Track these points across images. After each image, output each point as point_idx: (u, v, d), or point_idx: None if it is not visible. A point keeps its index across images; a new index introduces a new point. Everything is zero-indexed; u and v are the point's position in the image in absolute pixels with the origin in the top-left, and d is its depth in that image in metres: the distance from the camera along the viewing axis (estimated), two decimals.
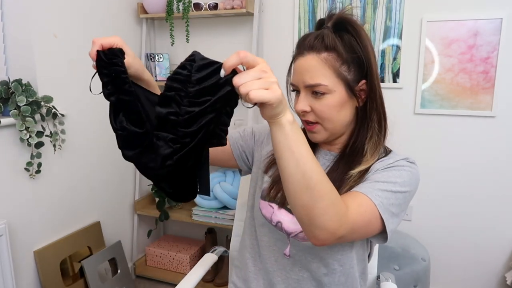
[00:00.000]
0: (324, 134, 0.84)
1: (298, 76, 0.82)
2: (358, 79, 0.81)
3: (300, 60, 0.81)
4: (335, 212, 0.64)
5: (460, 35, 1.81)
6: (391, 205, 0.75)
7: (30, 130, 1.56)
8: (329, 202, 0.63)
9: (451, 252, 2.00)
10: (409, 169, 0.81)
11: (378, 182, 0.77)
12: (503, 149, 1.84)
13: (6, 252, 1.50)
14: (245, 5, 2.00)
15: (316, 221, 0.64)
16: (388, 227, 0.74)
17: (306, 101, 0.82)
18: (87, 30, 1.89)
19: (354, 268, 0.88)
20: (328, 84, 0.79)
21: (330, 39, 0.79)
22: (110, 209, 2.15)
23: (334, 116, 0.81)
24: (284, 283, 0.91)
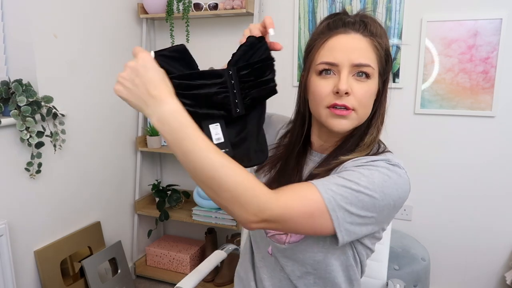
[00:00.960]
0: (354, 122, 0.77)
1: (343, 54, 0.75)
2: (386, 74, 0.80)
3: (345, 38, 0.76)
4: (245, 201, 0.63)
5: (460, 35, 1.81)
6: (348, 203, 0.69)
7: (31, 130, 1.56)
8: (234, 193, 0.62)
9: (451, 252, 2.00)
10: (386, 171, 0.73)
11: (340, 177, 0.71)
12: (503, 149, 1.84)
13: (6, 252, 1.50)
14: (245, 5, 2.00)
15: (228, 209, 0.64)
16: (340, 226, 0.69)
17: (348, 82, 0.75)
18: (87, 30, 1.89)
19: (332, 274, 0.83)
20: (375, 68, 0.76)
21: (375, 27, 0.77)
22: (110, 209, 2.15)
23: (370, 104, 0.78)
24: (269, 280, 0.91)
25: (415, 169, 1.98)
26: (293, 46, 2.08)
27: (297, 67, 2.10)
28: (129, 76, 0.65)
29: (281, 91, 2.40)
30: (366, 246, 0.83)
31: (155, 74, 0.64)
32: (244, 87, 0.79)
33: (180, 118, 0.63)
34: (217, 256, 1.33)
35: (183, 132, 0.62)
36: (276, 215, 0.66)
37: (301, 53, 2.07)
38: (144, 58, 0.65)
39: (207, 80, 0.74)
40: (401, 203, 0.76)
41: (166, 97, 0.64)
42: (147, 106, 0.64)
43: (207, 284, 2.21)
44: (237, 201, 0.63)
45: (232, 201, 0.63)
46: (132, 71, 0.65)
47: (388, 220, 0.78)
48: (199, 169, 0.63)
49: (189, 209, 2.25)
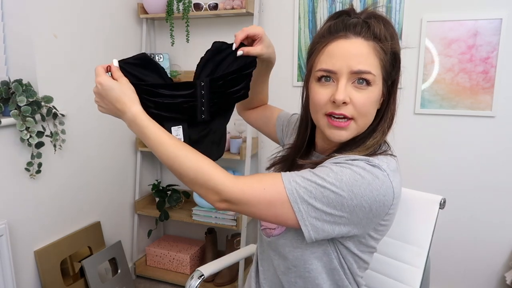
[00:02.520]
0: (353, 132, 0.76)
1: (342, 60, 0.72)
2: (391, 77, 0.78)
3: (345, 43, 0.73)
4: (203, 182, 0.73)
5: (460, 35, 1.81)
6: (312, 198, 0.69)
7: (31, 130, 1.56)
8: (193, 176, 0.73)
9: (451, 252, 2.00)
10: (360, 171, 0.70)
11: (309, 171, 0.72)
12: (503, 149, 1.84)
13: (6, 252, 1.50)
14: (245, 5, 2.00)
15: (194, 190, 0.76)
16: (302, 217, 0.70)
17: (347, 90, 0.72)
18: (87, 30, 1.89)
19: (312, 274, 0.81)
20: (376, 74, 0.73)
21: (380, 28, 0.73)
22: (110, 209, 2.15)
23: (371, 112, 0.76)
24: (263, 273, 0.93)
25: (415, 169, 1.98)
26: (293, 46, 2.08)
27: (297, 67, 2.10)
28: (99, 99, 0.80)
29: (281, 91, 2.41)
30: (352, 252, 0.79)
31: (113, 92, 0.77)
32: (214, 97, 0.85)
33: (140, 122, 0.77)
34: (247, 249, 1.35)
35: (144, 132, 0.77)
36: (234, 197, 0.72)
37: (301, 53, 2.07)
38: (101, 83, 0.77)
39: (175, 91, 0.82)
40: (380, 207, 0.72)
41: (127, 107, 0.77)
42: (120, 116, 0.80)
43: (207, 284, 2.21)
44: (197, 182, 0.73)
45: (193, 183, 0.74)
46: (98, 96, 0.80)
47: (369, 225, 0.74)
48: (164, 159, 0.76)
49: (189, 209, 2.25)
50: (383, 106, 0.80)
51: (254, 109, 1.15)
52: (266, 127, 1.12)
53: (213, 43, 0.86)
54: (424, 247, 1.03)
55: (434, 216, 1.05)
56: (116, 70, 0.80)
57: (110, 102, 0.78)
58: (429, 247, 1.03)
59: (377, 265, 1.11)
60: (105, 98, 0.78)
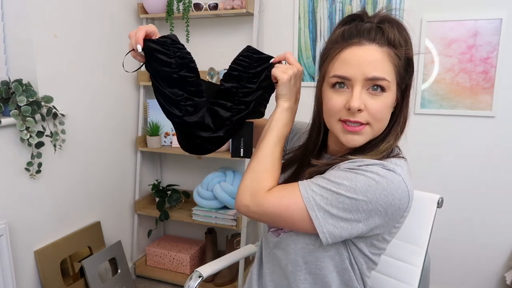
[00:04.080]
0: (368, 136, 0.77)
1: (356, 67, 0.73)
2: (404, 82, 0.78)
3: (358, 50, 0.73)
4: (252, 180, 0.79)
5: (460, 35, 1.81)
6: (328, 204, 0.71)
7: (31, 130, 1.56)
8: (256, 168, 0.80)
9: (451, 252, 2.00)
10: (374, 176, 0.71)
11: (324, 178, 0.74)
12: (503, 149, 1.84)
13: (6, 252, 1.50)
14: (245, 5, 2.00)
15: (243, 176, 0.81)
16: (319, 224, 0.72)
17: (361, 98, 0.73)
18: (87, 30, 1.89)
19: (323, 271, 0.81)
20: (391, 80, 0.73)
21: (394, 34, 0.74)
22: (110, 209, 2.15)
23: (386, 117, 0.77)
24: (269, 275, 0.91)
25: (415, 169, 1.98)
26: (293, 46, 2.08)
27: None
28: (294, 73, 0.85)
29: None
30: (363, 253, 0.80)
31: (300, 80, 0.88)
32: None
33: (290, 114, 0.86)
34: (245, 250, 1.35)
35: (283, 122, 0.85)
36: (258, 203, 0.77)
37: (301, 53, 2.07)
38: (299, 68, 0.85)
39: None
40: (396, 211, 0.73)
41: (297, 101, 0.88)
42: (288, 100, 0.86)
43: (207, 284, 2.21)
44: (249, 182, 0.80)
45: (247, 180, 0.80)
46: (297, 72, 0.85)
47: (386, 228, 0.76)
48: (261, 144, 0.83)
49: (189, 209, 2.25)
50: (396, 110, 0.80)
51: None
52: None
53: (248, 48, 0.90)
54: (422, 246, 1.04)
55: (432, 215, 1.06)
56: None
57: (296, 85, 0.85)
58: (428, 245, 1.04)
59: None
60: (297, 81, 0.85)
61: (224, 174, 2.19)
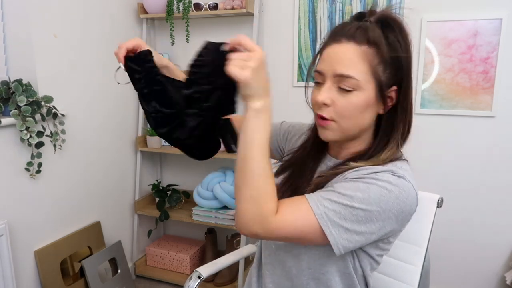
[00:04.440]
0: (336, 133, 0.78)
1: (328, 64, 0.75)
2: (390, 83, 0.76)
3: (335, 47, 0.75)
4: (253, 207, 0.68)
5: (460, 35, 1.81)
6: (342, 219, 0.70)
7: (31, 130, 1.56)
8: (253, 194, 0.68)
9: (451, 252, 2.00)
10: (386, 185, 0.71)
11: (334, 191, 0.72)
12: (503, 149, 1.84)
13: (6, 252, 1.50)
14: (245, 5, 2.00)
15: (238, 206, 0.71)
16: (335, 240, 0.70)
17: (329, 93, 0.75)
18: (87, 30, 1.89)
19: (327, 276, 0.82)
20: (360, 79, 0.73)
21: (374, 33, 0.73)
22: (110, 209, 2.15)
23: (355, 116, 0.75)
24: (270, 277, 0.91)
25: (415, 169, 1.98)
26: (293, 46, 2.08)
27: (297, 67, 2.10)
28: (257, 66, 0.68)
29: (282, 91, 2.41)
30: (370, 256, 0.81)
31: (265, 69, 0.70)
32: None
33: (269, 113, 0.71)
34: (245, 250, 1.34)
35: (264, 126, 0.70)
36: (270, 230, 0.70)
37: (301, 53, 2.07)
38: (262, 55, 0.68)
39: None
40: (406, 217, 0.74)
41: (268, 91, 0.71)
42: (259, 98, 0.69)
43: (207, 284, 2.21)
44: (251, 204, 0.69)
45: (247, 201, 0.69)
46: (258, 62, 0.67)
47: (393, 233, 0.77)
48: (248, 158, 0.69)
49: (189, 209, 2.25)
50: (393, 115, 0.78)
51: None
52: None
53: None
54: (422, 246, 1.04)
55: (432, 214, 1.06)
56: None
57: (263, 77, 0.68)
58: (427, 245, 1.03)
59: None
60: (262, 72, 0.68)
61: (224, 174, 2.19)
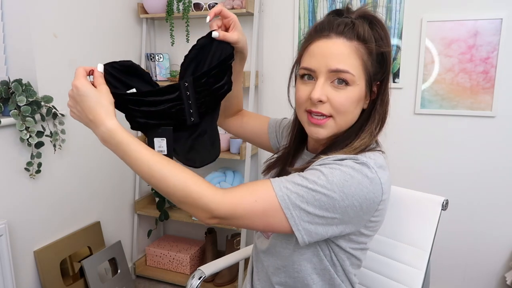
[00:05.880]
0: (333, 129, 0.77)
1: (321, 59, 0.74)
2: (377, 78, 0.77)
3: (326, 43, 0.74)
4: (192, 201, 0.69)
5: (460, 35, 1.81)
6: (304, 202, 0.68)
7: (30, 130, 1.56)
8: (181, 195, 0.69)
9: (451, 252, 2.00)
10: (349, 171, 0.70)
11: (300, 176, 0.71)
12: (503, 149, 1.84)
13: (6, 252, 1.50)
14: (245, 5, 2.00)
15: (183, 208, 0.72)
16: (295, 223, 0.69)
17: (324, 90, 0.74)
18: (87, 30, 1.89)
19: (301, 274, 0.81)
20: (356, 74, 0.73)
21: (364, 29, 0.73)
22: (110, 209, 2.15)
23: (351, 110, 0.76)
24: (257, 275, 0.93)
25: (415, 169, 1.98)
26: (293, 46, 2.08)
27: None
28: (72, 103, 0.73)
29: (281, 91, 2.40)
30: (343, 250, 0.79)
31: (89, 100, 0.70)
32: (200, 96, 0.81)
33: (117, 137, 0.70)
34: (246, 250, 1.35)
35: (122, 149, 0.71)
36: (225, 212, 0.69)
37: None
38: (77, 86, 0.70)
39: (160, 97, 0.77)
40: (371, 205, 0.73)
41: (102, 119, 0.70)
42: (91, 128, 0.73)
43: (207, 284, 2.21)
44: (186, 202, 0.69)
45: (182, 202, 0.70)
46: (71, 100, 0.72)
47: (360, 223, 0.75)
48: (147, 178, 0.70)
49: None
50: (371, 107, 0.80)
51: (235, 118, 1.09)
52: (258, 138, 1.08)
53: (198, 40, 0.82)
54: (425, 249, 1.03)
55: (436, 217, 1.04)
56: (98, 76, 0.73)
57: (83, 110, 0.71)
58: (431, 249, 1.02)
59: (378, 266, 1.11)
60: (78, 104, 0.71)
61: (224, 174, 2.18)
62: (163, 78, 2.27)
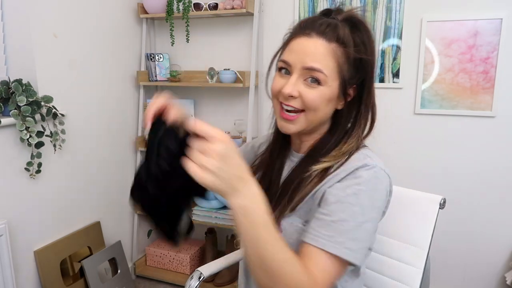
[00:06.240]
0: (303, 124, 0.79)
1: (298, 56, 0.76)
2: (352, 82, 0.79)
3: (305, 41, 0.76)
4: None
5: (460, 35, 1.81)
6: (360, 241, 0.71)
7: (30, 130, 1.56)
8: (291, 283, 0.62)
9: (451, 252, 2.00)
10: (371, 186, 0.74)
11: (335, 222, 0.71)
12: (503, 149, 1.84)
13: (6, 252, 1.50)
14: (245, 5, 2.00)
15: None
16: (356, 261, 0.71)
17: (296, 85, 0.76)
18: (87, 30, 1.89)
19: None
20: (328, 75, 0.75)
21: (344, 33, 0.75)
22: (110, 209, 2.15)
23: (322, 108, 0.77)
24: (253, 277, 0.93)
25: (415, 169, 1.98)
26: None
27: None
28: (219, 165, 0.55)
29: None
30: None
31: (238, 155, 0.58)
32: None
33: (262, 207, 0.60)
34: None
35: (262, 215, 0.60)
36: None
37: None
38: (225, 140, 0.56)
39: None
40: (386, 201, 0.80)
41: (247, 179, 0.59)
42: (231, 193, 0.58)
43: (207, 284, 2.21)
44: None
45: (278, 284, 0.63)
46: (219, 161, 0.55)
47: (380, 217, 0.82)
48: (268, 257, 0.61)
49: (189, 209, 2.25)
50: (352, 110, 0.81)
51: None
52: None
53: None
54: (424, 248, 1.03)
55: (434, 216, 1.05)
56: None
57: (232, 168, 0.56)
58: (429, 247, 1.03)
59: (377, 265, 1.11)
60: (226, 164, 0.55)
61: None
62: (163, 78, 2.27)
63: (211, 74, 2.13)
